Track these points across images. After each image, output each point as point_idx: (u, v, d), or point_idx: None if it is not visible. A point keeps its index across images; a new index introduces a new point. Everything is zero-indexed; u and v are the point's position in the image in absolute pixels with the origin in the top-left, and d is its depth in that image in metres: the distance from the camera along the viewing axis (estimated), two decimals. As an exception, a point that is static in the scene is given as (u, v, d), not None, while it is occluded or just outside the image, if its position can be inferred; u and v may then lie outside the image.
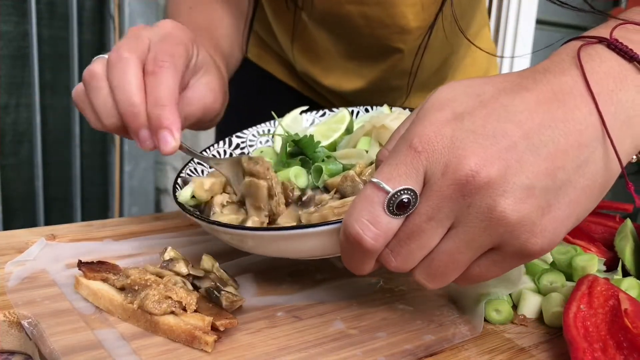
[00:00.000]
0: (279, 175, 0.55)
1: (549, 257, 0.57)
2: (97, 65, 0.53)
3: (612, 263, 0.59)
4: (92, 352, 0.40)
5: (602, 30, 0.40)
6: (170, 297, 0.44)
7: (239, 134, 0.65)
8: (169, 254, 0.50)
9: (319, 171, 0.55)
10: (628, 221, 0.61)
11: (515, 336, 0.48)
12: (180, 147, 0.53)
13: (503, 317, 0.49)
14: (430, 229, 0.37)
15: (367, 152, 0.56)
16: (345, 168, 0.55)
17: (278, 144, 0.63)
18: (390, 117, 0.56)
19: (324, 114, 0.67)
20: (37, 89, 1.92)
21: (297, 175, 0.56)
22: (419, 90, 0.91)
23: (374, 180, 0.37)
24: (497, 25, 2.37)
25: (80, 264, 0.49)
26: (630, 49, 0.38)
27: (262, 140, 0.65)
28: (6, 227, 1.90)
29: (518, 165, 0.35)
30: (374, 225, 0.38)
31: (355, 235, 0.38)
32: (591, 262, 0.53)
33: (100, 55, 0.55)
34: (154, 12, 2.11)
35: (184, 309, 0.44)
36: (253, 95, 1.00)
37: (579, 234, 0.62)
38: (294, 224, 0.50)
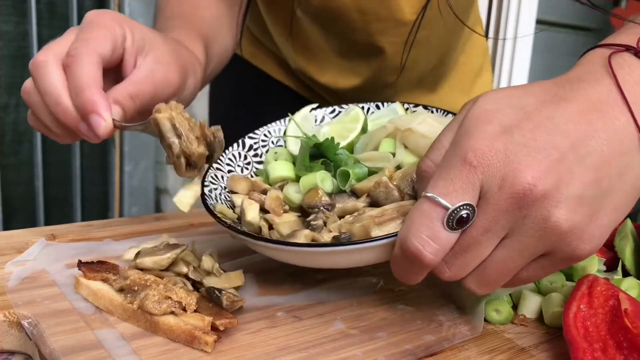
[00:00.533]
0: (304, 180, 0.54)
1: (549, 257, 0.57)
2: (27, 81, 0.53)
3: (612, 263, 0.59)
4: (92, 352, 0.40)
5: (625, 38, 0.41)
6: (170, 297, 0.44)
7: (251, 134, 0.63)
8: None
9: (345, 175, 0.54)
10: (628, 221, 0.61)
11: (516, 336, 0.48)
12: (115, 126, 0.51)
13: (503, 317, 0.49)
14: (485, 240, 0.38)
15: (393, 155, 0.55)
16: (371, 172, 0.54)
17: (291, 144, 0.62)
18: (417, 121, 0.54)
19: (333, 111, 0.66)
20: (37, 89, 1.92)
21: (323, 180, 0.54)
22: (416, 87, 0.91)
23: (430, 195, 0.38)
24: (497, 25, 2.37)
25: (80, 264, 0.49)
26: None
27: (273, 140, 0.64)
28: (6, 227, 1.90)
29: (569, 176, 0.36)
30: (434, 241, 0.38)
31: (415, 251, 0.39)
32: (591, 262, 0.53)
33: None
34: (154, 12, 2.11)
35: (184, 309, 0.44)
36: (249, 95, 0.99)
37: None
38: (296, 229, 0.50)
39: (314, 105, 0.66)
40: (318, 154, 0.57)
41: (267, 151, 0.63)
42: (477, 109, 0.39)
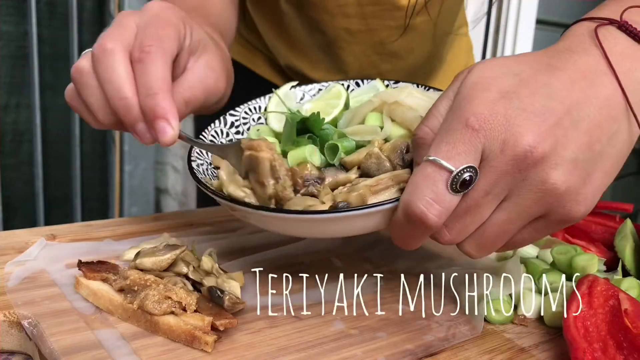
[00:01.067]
0: (292, 154, 0.54)
1: (549, 257, 0.57)
2: (84, 60, 0.50)
3: (612, 263, 0.59)
4: (92, 352, 0.40)
5: (608, 12, 0.44)
6: (170, 298, 0.44)
7: (232, 112, 0.62)
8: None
9: (334, 149, 0.54)
10: (628, 221, 0.61)
11: (516, 336, 0.48)
12: (180, 137, 0.50)
13: (503, 317, 0.49)
14: (486, 203, 0.40)
15: (381, 128, 0.54)
16: (359, 145, 0.54)
17: (273, 121, 0.61)
18: (404, 94, 0.54)
19: (313, 89, 0.66)
20: (37, 89, 1.92)
21: (312, 154, 0.54)
22: (408, 80, 0.91)
23: (433, 159, 0.39)
24: (497, 25, 2.37)
25: (80, 264, 0.49)
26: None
27: (254, 117, 0.63)
28: (6, 227, 1.90)
29: (565, 139, 0.38)
30: (438, 204, 0.39)
31: (420, 213, 0.40)
32: (591, 262, 0.53)
33: (88, 50, 0.51)
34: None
35: (184, 309, 0.44)
36: (238, 96, 0.98)
37: (579, 234, 0.62)
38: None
39: (294, 83, 0.65)
40: (303, 129, 0.57)
41: (248, 128, 0.62)
42: (473, 77, 0.41)
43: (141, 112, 0.49)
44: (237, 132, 0.61)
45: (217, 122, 0.61)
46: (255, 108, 0.63)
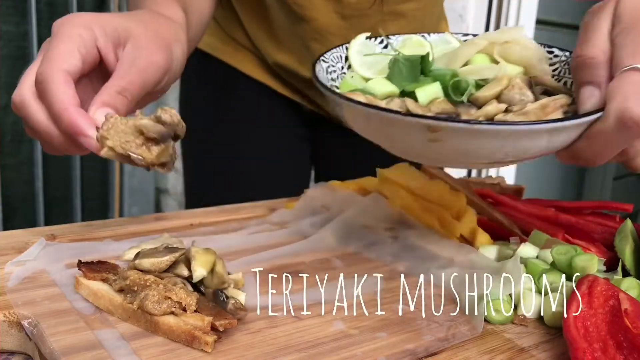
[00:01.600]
0: (422, 92, 0.52)
1: (549, 257, 0.57)
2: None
3: (612, 263, 0.59)
4: (92, 352, 0.40)
5: None
6: (170, 298, 0.44)
7: (323, 58, 0.58)
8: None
9: (459, 86, 0.52)
10: (628, 221, 0.61)
11: (515, 336, 0.48)
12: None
13: (503, 317, 0.49)
14: None
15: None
16: (478, 84, 0.53)
17: (361, 69, 0.59)
18: (512, 33, 0.55)
19: (382, 42, 0.63)
20: (37, 89, 1.92)
21: (438, 92, 0.52)
22: None
23: (636, 66, 0.43)
24: (497, 25, 2.37)
25: (80, 264, 0.49)
26: None
27: (339, 66, 0.60)
28: (6, 227, 1.90)
29: None
30: None
31: (638, 118, 0.42)
32: (591, 262, 0.53)
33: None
34: None
35: (184, 310, 0.44)
36: (217, 95, 0.95)
37: (579, 234, 0.62)
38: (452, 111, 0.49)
39: (368, 34, 0.62)
40: (408, 71, 0.55)
41: (337, 76, 0.60)
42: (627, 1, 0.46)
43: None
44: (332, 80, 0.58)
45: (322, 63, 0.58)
46: (337, 57, 0.60)
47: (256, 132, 0.94)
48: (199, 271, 0.47)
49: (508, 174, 2.38)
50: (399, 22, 0.80)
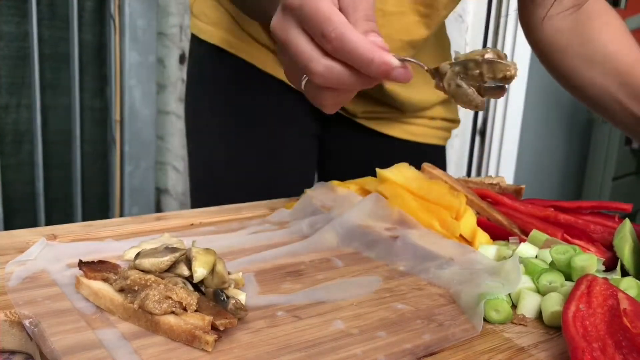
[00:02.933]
0: None
1: (548, 257, 0.57)
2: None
3: (611, 263, 0.59)
4: (92, 352, 0.40)
5: None
6: (170, 297, 0.44)
7: None
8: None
9: None
10: (627, 221, 0.61)
11: (515, 336, 0.48)
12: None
13: (502, 317, 0.49)
14: None
15: None
16: None
17: None
18: None
19: None
20: (37, 89, 1.93)
21: None
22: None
23: None
24: (497, 25, 2.37)
25: (81, 264, 0.49)
26: None
27: None
28: (7, 227, 1.90)
29: None
30: None
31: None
32: (590, 262, 0.53)
33: None
34: (154, 12, 2.11)
35: (185, 309, 0.44)
36: (231, 92, 0.94)
37: (578, 233, 0.63)
38: None
39: None
40: None
41: None
42: None
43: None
44: None
45: None
46: None
47: (268, 127, 0.94)
48: (200, 271, 0.47)
49: (507, 174, 2.39)
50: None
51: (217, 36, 0.93)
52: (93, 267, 0.49)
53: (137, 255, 0.50)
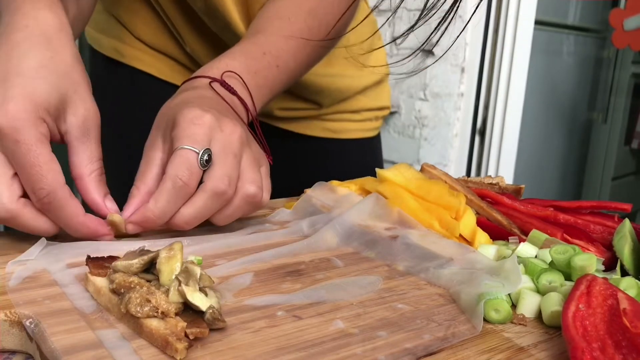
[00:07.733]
0: None
1: (547, 257, 0.57)
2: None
3: (610, 263, 0.59)
4: (92, 352, 0.40)
5: (214, 71, 0.66)
6: (150, 301, 0.44)
7: None
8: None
9: None
10: (627, 221, 0.61)
11: (514, 335, 0.48)
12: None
13: (502, 317, 0.50)
14: None
15: None
16: None
17: None
18: None
19: None
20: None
21: None
22: None
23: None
24: (497, 25, 2.37)
25: (88, 260, 0.49)
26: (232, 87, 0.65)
27: None
28: (7, 227, 1.89)
29: None
30: None
31: None
32: (590, 262, 0.53)
33: None
34: None
35: (163, 314, 0.44)
36: (127, 104, 0.91)
37: (577, 233, 0.63)
38: None
39: None
40: None
41: None
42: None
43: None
44: None
45: None
46: None
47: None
48: (166, 283, 0.46)
49: (507, 174, 2.39)
50: None
51: (107, 45, 0.88)
52: (99, 264, 0.49)
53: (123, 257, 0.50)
